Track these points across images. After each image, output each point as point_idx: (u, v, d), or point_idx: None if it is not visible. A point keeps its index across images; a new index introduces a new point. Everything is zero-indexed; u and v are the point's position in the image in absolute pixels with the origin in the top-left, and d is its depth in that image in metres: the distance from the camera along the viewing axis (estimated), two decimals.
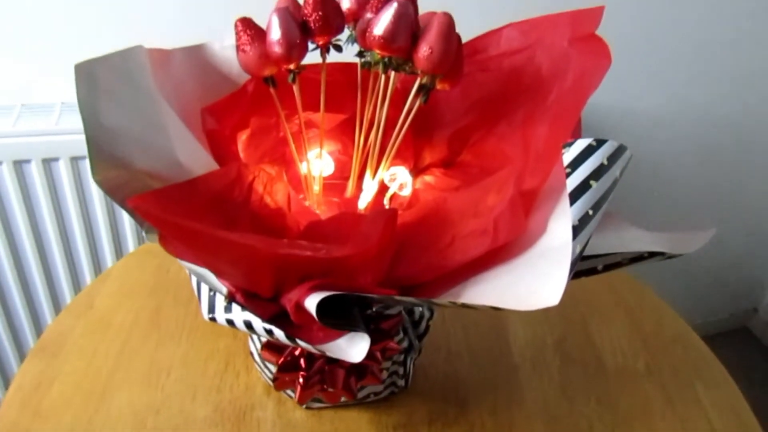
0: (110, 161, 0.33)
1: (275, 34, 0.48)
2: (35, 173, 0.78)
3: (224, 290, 0.44)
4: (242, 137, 0.51)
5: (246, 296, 0.43)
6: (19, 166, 0.78)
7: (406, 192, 0.58)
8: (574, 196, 0.37)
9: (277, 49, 0.48)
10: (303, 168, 0.55)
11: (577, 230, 0.36)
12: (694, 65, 1.05)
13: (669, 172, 1.18)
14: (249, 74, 0.51)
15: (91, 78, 0.33)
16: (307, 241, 0.46)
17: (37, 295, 0.88)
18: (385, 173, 0.56)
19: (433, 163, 0.60)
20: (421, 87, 0.50)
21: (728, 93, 1.11)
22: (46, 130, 0.76)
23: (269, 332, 0.41)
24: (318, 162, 0.56)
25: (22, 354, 0.92)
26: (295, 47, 0.48)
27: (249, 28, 0.49)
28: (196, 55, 0.54)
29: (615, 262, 0.49)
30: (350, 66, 0.56)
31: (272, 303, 0.44)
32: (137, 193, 0.35)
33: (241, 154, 0.52)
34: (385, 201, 0.57)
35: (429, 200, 0.52)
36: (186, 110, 0.50)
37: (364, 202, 0.54)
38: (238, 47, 0.49)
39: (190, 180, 0.36)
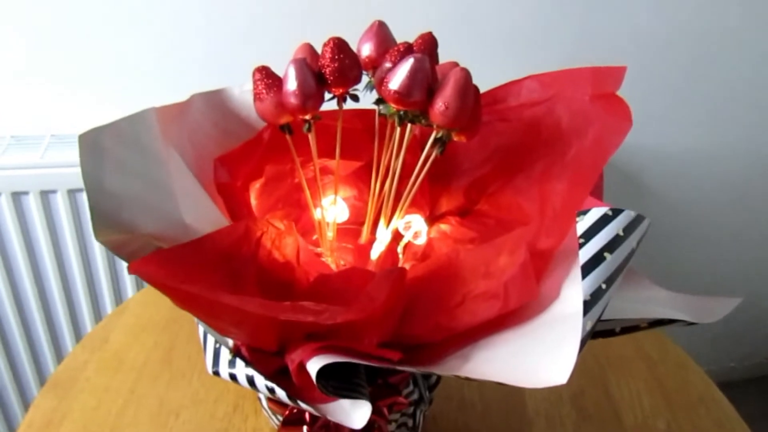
0: (113, 226, 0.33)
1: (291, 84, 0.48)
2: (60, 203, 0.80)
3: (230, 343, 0.43)
4: (255, 185, 0.51)
5: (251, 350, 0.43)
6: (46, 196, 0.79)
7: (421, 241, 0.57)
8: (587, 268, 0.36)
9: (292, 100, 0.48)
10: (317, 214, 0.55)
11: (588, 305, 0.35)
12: (721, 102, 1.02)
13: (699, 212, 1.15)
14: (265, 122, 0.51)
15: (96, 147, 0.34)
16: (315, 294, 0.46)
17: (59, 323, 0.89)
18: (399, 221, 0.55)
19: (450, 211, 0.59)
20: (437, 139, 0.49)
21: (760, 131, 1.07)
22: (73, 162, 0.78)
23: (271, 390, 0.40)
24: (332, 209, 0.55)
25: (42, 380, 0.93)
26: (310, 98, 0.48)
27: (266, 77, 0.49)
28: (216, 99, 0.55)
29: (634, 325, 0.48)
30: (368, 112, 0.56)
31: (277, 357, 0.43)
32: (141, 252, 0.35)
33: (254, 202, 0.51)
34: (399, 250, 0.57)
35: (441, 255, 0.51)
36: (202, 158, 0.51)
37: (376, 252, 0.53)
38: (255, 96, 0.50)
39: (196, 240, 0.36)
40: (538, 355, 0.38)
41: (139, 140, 0.36)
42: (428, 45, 0.54)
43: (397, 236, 0.57)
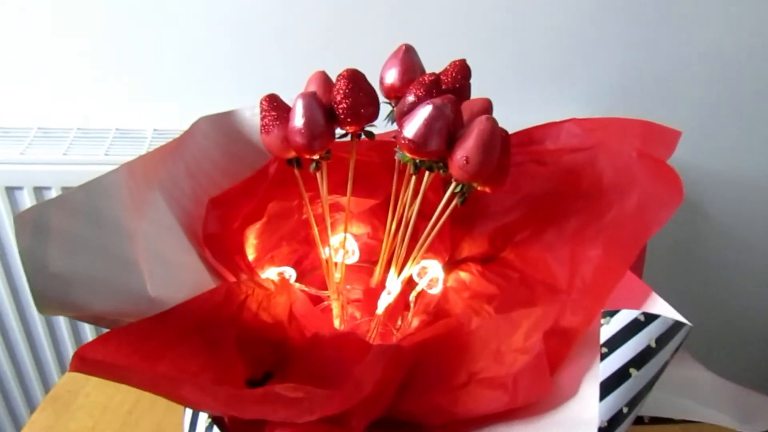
0: (61, 307, 0.30)
1: (298, 121, 0.43)
2: None
3: None
4: (256, 225, 0.47)
5: (232, 419, 0.39)
6: None
7: (436, 290, 0.52)
8: (608, 387, 0.31)
9: (298, 139, 0.43)
10: (325, 253, 0.51)
11: None
12: None
13: (758, 243, 1.04)
14: (272, 155, 0.47)
15: (38, 226, 0.30)
16: (306, 357, 0.42)
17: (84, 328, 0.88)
18: (414, 267, 0.50)
19: (471, 257, 0.54)
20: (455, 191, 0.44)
21: None
22: (96, 160, 0.76)
23: None
24: (341, 250, 0.51)
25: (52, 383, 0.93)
26: (317, 138, 0.43)
27: (274, 108, 0.45)
28: (224, 122, 0.51)
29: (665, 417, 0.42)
30: (386, 144, 0.51)
31: (261, 424, 0.40)
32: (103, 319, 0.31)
33: (255, 241, 0.48)
34: (411, 298, 0.52)
35: (452, 320, 0.46)
36: (202, 187, 0.47)
37: (384, 305, 0.49)
38: (261, 127, 0.45)
39: (165, 312, 0.32)
40: None
41: (96, 210, 0.32)
42: (459, 75, 0.48)
43: (411, 282, 0.52)
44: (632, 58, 0.83)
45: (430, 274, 0.52)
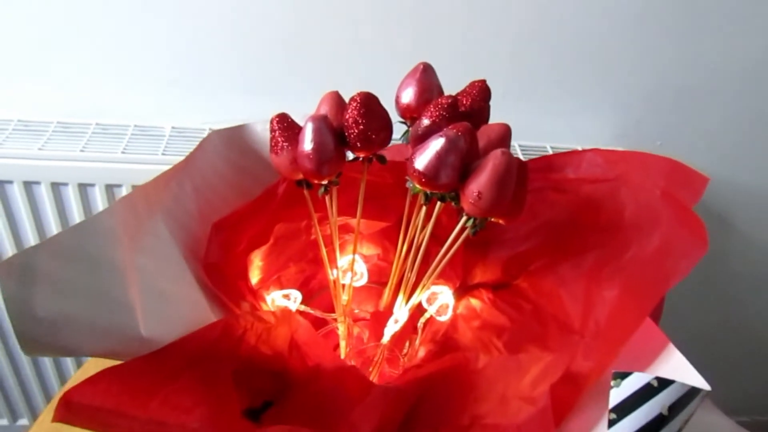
0: (49, 349, 0.29)
1: (307, 145, 0.42)
2: (98, 197, 0.78)
3: None
4: (262, 248, 0.46)
5: None
6: (84, 189, 0.78)
7: (445, 317, 0.50)
8: None
9: (306, 163, 0.42)
10: (332, 275, 0.49)
11: None
12: None
13: None
14: (281, 175, 0.46)
15: (25, 271, 0.29)
16: (305, 389, 0.41)
17: None
18: (423, 294, 0.49)
19: (484, 282, 0.52)
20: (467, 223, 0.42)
21: None
22: (113, 158, 0.76)
23: None
24: (349, 273, 0.50)
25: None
26: (326, 163, 0.42)
27: (284, 129, 0.44)
28: (235, 136, 0.50)
29: None
30: (400, 165, 0.49)
31: None
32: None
33: (261, 263, 0.47)
34: (420, 324, 0.51)
35: (460, 354, 0.45)
36: (211, 204, 0.46)
37: (390, 333, 0.47)
38: (271, 147, 0.44)
39: (159, 349, 0.31)
40: None
41: (85, 252, 0.31)
42: (478, 96, 0.47)
43: (420, 306, 0.51)
44: (667, 71, 0.80)
45: (439, 300, 0.50)
